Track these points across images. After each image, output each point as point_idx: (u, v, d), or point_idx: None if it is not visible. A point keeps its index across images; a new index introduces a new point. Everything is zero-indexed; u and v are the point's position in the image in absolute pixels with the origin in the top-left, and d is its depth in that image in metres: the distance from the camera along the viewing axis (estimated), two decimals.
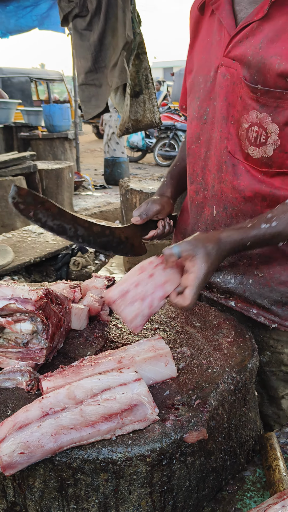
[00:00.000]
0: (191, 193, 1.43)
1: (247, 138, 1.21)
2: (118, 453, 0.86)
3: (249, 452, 1.17)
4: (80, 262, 3.44)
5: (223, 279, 1.42)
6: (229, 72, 1.20)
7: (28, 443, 0.84)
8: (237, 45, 1.17)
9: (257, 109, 1.16)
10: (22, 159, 5.65)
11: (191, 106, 1.35)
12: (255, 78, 1.14)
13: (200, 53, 1.31)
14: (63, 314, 1.19)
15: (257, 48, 1.12)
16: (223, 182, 1.29)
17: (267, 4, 1.09)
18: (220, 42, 1.23)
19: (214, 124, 1.28)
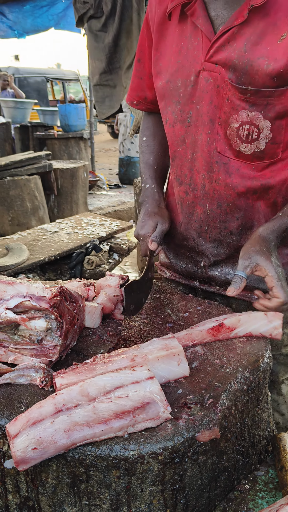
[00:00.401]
0: (180, 193, 1.46)
1: (238, 136, 1.26)
2: (130, 451, 0.87)
3: (261, 452, 1.17)
4: (94, 261, 3.46)
5: (221, 272, 1.48)
6: (212, 76, 1.24)
7: (42, 438, 0.85)
8: (219, 49, 1.21)
9: (247, 109, 1.22)
10: (38, 158, 5.69)
11: (169, 109, 1.38)
12: (242, 80, 1.19)
13: (174, 57, 1.32)
14: (77, 312, 1.20)
15: (242, 52, 1.18)
16: (215, 181, 1.35)
17: (246, 9, 1.14)
18: (198, 47, 1.26)
19: (198, 127, 1.32)
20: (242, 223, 1.39)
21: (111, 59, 4.30)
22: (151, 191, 1.53)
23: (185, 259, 1.56)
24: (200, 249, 1.49)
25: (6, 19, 8.33)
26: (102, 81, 4.40)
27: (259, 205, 1.36)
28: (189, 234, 1.49)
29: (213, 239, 1.44)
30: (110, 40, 4.25)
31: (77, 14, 4.44)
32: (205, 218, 1.42)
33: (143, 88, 1.57)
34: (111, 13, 4.23)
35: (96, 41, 4.38)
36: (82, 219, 4.32)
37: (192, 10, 1.24)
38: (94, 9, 4.30)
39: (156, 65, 1.40)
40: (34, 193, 5.39)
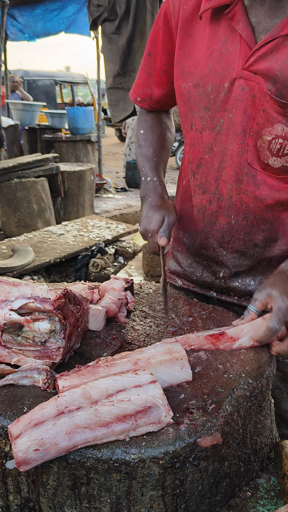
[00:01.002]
0: (203, 202, 1.41)
1: (269, 149, 1.22)
2: (131, 454, 0.87)
3: (263, 459, 1.16)
4: (100, 264, 3.46)
5: (242, 283, 1.44)
6: (249, 85, 1.19)
7: (43, 440, 0.85)
8: (260, 59, 1.15)
9: (283, 123, 1.18)
10: (45, 160, 5.73)
11: (196, 115, 1.32)
12: (283, 93, 1.15)
13: (203, 60, 1.26)
14: (81, 314, 1.20)
15: (285, 64, 1.12)
16: (243, 193, 1.31)
17: None
18: (234, 53, 1.20)
19: (229, 136, 1.27)
20: (267, 235, 1.36)
21: (125, 61, 4.32)
22: (152, 184, 1.46)
23: (202, 268, 1.53)
24: (220, 259, 1.45)
25: (16, 22, 8.41)
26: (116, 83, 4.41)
27: (284, 217, 1.34)
28: (209, 244, 1.45)
29: (236, 250, 1.41)
30: (124, 42, 4.27)
31: (91, 17, 4.46)
32: (228, 229, 1.39)
33: (150, 85, 1.50)
34: (124, 16, 4.24)
35: (110, 44, 4.40)
36: (88, 221, 4.33)
37: (232, 13, 1.17)
38: (108, 12, 4.32)
39: (179, 64, 1.33)
40: (41, 195, 5.42)
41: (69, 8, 7.83)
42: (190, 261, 1.56)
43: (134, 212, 7.19)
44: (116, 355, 1.11)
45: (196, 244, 1.49)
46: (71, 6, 7.80)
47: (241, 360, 1.14)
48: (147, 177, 1.47)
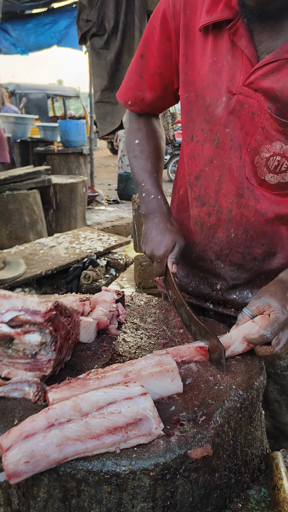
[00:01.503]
0: (201, 214, 1.41)
1: (266, 166, 1.23)
2: (122, 466, 0.87)
3: (254, 471, 1.16)
4: (91, 276, 3.46)
5: (239, 296, 1.45)
6: (248, 102, 1.19)
7: (34, 452, 0.85)
8: (262, 77, 1.15)
9: (282, 141, 1.19)
10: (37, 173, 5.75)
11: (198, 126, 1.32)
12: (283, 113, 1.16)
13: (203, 70, 1.25)
14: (72, 326, 1.20)
15: (286, 85, 1.13)
16: (244, 207, 1.31)
17: None
18: (235, 68, 1.19)
19: (226, 150, 1.27)
20: (266, 249, 1.37)
21: (113, 76, 4.38)
22: (157, 202, 1.43)
23: (198, 279, 1.52)
24: (217, 272, 1.45)
25: (9, 36, 8.49)
26: (104, 98, 4.46)
27: (283, 231, 1.34)
28: (207, 256, 1.45)
29: (234, 263, 1.41)
30: (112, 57, 4.33)
31: (80, 32, 4.52)
32: (227, 242, 1.38)
33: (142, 88, 1.45)
34: (113, 31, 4.30)
35: (98, 59, 4.45)
36: (80, 233, 4.34)
37: (235, 28, 1.17)
38: (97, 27, 4.37)
39: (182, 72, 1.31)
40: (32, 207, 5.42)
41: (61, 22, 7.93)
42: (186, 272, 1.56)
43: (126, 224, 7.22)
44: (106, 367, 1.11)
45: (193, 256, 1.49)
46: (63, 20, 7.89)
47: (231, 372, 1.15)
48: (150, 195, 1.45)
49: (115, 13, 4.23)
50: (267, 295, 1.19)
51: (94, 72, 4.55)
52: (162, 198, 1.44)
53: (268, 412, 1.51)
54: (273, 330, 1.14)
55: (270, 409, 1.50)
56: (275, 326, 1.14)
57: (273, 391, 1.48)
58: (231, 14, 1.16)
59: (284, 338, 1.14)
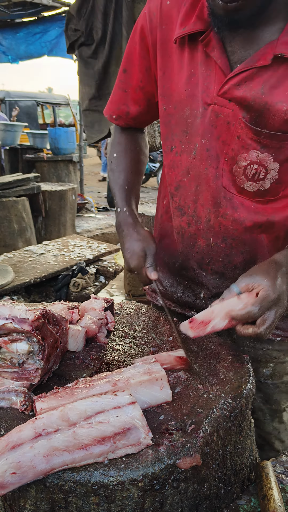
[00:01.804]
0: (182, 224, 1.42)
1: (244, 174, 1.24)
2: (110, 477, 0.86)
3: (244, 480, 1.16)
4: (80, 284, 3.45)
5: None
6: (223, 111, 1.20)
7: (21, 463, 0.84)
8: (234, 87, 1.17)
9: (258, 149, 1.20)
10: (26, 180, 5.73)
11: (176, 138, 1.33)
12: (257, 121, 1.17)
13: (181, 83, 1.26)
14: (60, 335, 1.19)
15: (259, 93, 1.14)
16: (222, 216, 1.32)
17: (271, 54, 1.11)
18: (209, 79, 1.21)
19: (203, 161, 1.28)
20: (246, 257, 1.37)
21: (101, 85, 4.40)
22: (123, 215, 1.44)
23: (183, 288, 1.52)
24: (200, 280, 1.45)
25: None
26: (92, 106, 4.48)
27: (263, 239, 1.34)
28: (189, 265, 1.45)
29: (215, 272, 1.41)
30: (100, 67, 4.36)
31: (68, 41, 4.55)
32: (208, 251, 1.39)
33: (126, 102, 1.47)
34: (101, 41, 4.34)
35: (86, 68, 4.48)
36: (69, 241, 4.32)
37: (207, 40, 1.18)
38: (85, 37, 4.41)
39: (159, 85, 1.33)
40: (21, 214, 5.40)
41: (52, 32, 7.94)
42: (171, 281, 1.56)
43: (115, 231, 7.20)
44: (95, 376, 1.10)
45: (177, 265, 1.50)
46: (54, 30, 7.91)
47: (220, 380, 1.15)
48: (118, 208, 1.46)
49: (103, 23, 4.27)
50: (259, 273, 1.14)
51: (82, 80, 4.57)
52: (128, 210, 1.44)
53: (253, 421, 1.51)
54: (261, 307, 1.08)
55: (254, 418, 1.50)
56: (264, 303, 1.08)
57: (256, 399, 1.48)
58: (203, 26, 1.18)
59: (270, 318, 1.09)
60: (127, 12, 4.14)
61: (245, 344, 1.43)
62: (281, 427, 1.51)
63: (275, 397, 1.46)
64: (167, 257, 1.53)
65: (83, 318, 1.36)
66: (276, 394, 1.46)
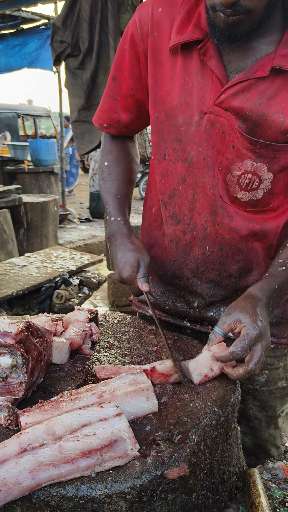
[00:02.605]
0: (177, 232, 1.41)
1: (238, 184, 1.25)
2: (97, 490, 0.85)
3: (232, 489, 1.15)
4: (64, 295, 3.43)
5: (216, 313, 1.44)
6: (219, 121, 1.21)
7: (6, 480, 0.82)
8: (232, 97, 1.17)
9: (253, 159, 1.21)
10: (7, 192, 5.69)
11: (169, 145, 1.33)
12: (253, 131, 1.18)
13: (174, 91, 1.26)
14: (44, 347, 1.18)
15: (256, 104, 1.16)
16: (218, 225, 1.32)
17: (269, 66, 1.13)
18: (205, 88, 1.21)
19: (200, 169, 1.28)
20: (242, 266, 1.37)
21: (90, 96, 4.41)
22: (117, 224, 1.41)
23: (175, 297, 1.51)
24: (194, 289, 1.44)
25: None
26: (81, 117, 4.49)
27: (257, 247, 1.35)
28: (183, 274, 1.44)
29: (210, 280, 1.41)
30: (88, 77, 4.37)
31: (54, 53, 4.55)
32: (203, 260, 1.39)
33: (117, 110, 1.46)
34: (88, 51, 4.35)
35: (74, 79, 4.48)
36: (52, 252, 4.30)
37: (205, 49, 1.19)
38: (71, 48, 4.42)
39: (151, 92, 1.33)
40: (3, 226, 5.35)
41: (31, 44, 7.94)
42: (162, 290, 1.54)
43: (98, 242, 7.20)
44: (80, 388, 1.09)
45: (169, 274, 1.48)
46: (33, 42, 7.91)
47: (206, 388, 1.15)
48: (111, 217, 1.43)
49: (89, 33, 4.28)
50: (237, 311, 1.17)
51: (70, 92, 4.57)
52: (122, 219, 1.42)
53: (248, 429, 1.51)
54: (243, 346, 1.11)
55: (250, 426, 1.50)
56: (245, 342, 1.11)
57: (252, 408, 1.47)
58: (201, 35, 1.18)
59: (257, 354, 1.11)
60: (113, 22, 4.17)
61: None
62: (277, 433, 1.51)
63: (270, 403, 1.47)
64: (157, 266, 1.51)
65: (67, 330, 1.35)
66: (272, 400, 1.47)
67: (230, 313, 1.18)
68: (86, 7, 4.20)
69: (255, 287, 1.24)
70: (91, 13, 4.21)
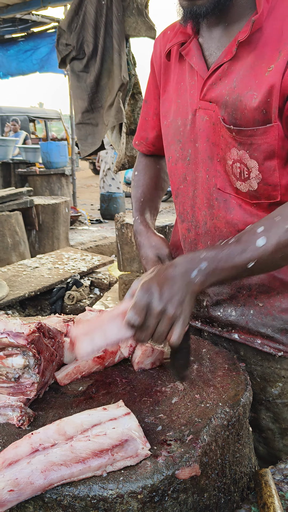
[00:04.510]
0: (183, 231, 1.45)
1: (233, 173, 1.25)
2: (109, 490, 0.85)
3: (243, 489, 1.15)
4: (75, 296, 3.44)
5: (223, 313, 1.42)
6: (207, 114, 1.25)
7: (18, 480, 0.83)
8: (212, 87, 1.21)
9: (236, 147, 1.20)
10: (19, 194, 5.74)
11: (172, 148, 1.39)
12: (234, 116, 1.17)
13: (175, 97, 1.34)
14: (56, 348, 1.19)
15: (232, 87, 1.17)
16: (216, 218, 1.32)
17: (235, 45, 1.15)
18: (194, 86, 1.27)
19: (198, 164, 1.32)
20: None
21: (93, 98, 4.45)
22: (136, 224, 1.53)
23: None
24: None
25: None
26: (85, 119, 4.53)
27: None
28: None
29: None
30: (92, 80, 4.40)
31: (59, 56, 4.60)
32: None
33: (146, 129, 1.59)
34: (92, 55, 4.39)
35: (78, 81, 4.53)
36: (63, 254, 4.32)
37: (187, 50, 1.26)
38: (76, 51, 4.46)
39: (163, 105, 1.42)
40: (15, 228, 5.40)
41: (42, 49, 7.98)
42: None
43: (109, 243, 7.22)
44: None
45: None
46: (44, 47, 7.95)
47: (217, 389, 1.14)
48: (133, 217, 1.55)
49: (94, 37, 4.33)
50: (145, 276, 1.08)
51: (75, 94, 4.61)
52: (140, 219, 1.52)
53: (261, 439, 1.48)
54: (134, 311, 1.00)
55: (263, 437, 1.47)
56: (135, 307, 1.00)
57: (265, 419, 1.45)
58: (184, 38, 1.26)
59: (166, 294, 1.01)
60: (118, 26, 4.19)
61: (252, 362, 1.40)
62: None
63: (284, 415, 1.43)
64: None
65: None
66: (285, 413, 1.42)
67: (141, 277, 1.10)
68: (91, 11, 4.24)
69: (180, 256, 1.12)
70: (96, 17, 4.24)
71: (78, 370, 1.19)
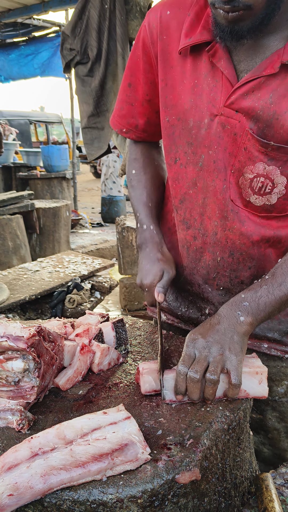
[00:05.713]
0: (187, 237, 1.39)
1: (251, 187, 1.21)
2: (108, 494, 0.85)
3: (244, 494, 1.14)
4: (76, 300, 3.44)
5: None
6: (230, 122, 1.18)
7: (17, 484, 0.83)
8: (242, 97, 1.15)
9: (265, 162, 1.17)
10: (20, 198, 5.75)
11: (180, 149, 1.31)
12: (265, 132, 1.14)
13: (185, 93, 1.25)
14: (56, 351, 1.18)
15: (267, 103, 1.12)
16: (229, 230, 1.29)
17: (278, 62, 1.09)
18: (216, 90, 1.19)
19: (211, 172, 1.26)
20: (253, 273, 1.33)
21: (98, 102, 4.47)
22: (149, 233, 1.43)
23: (187, 303, 1.48)
24: (205, 296, 1.41)
25: None
26: (91, 123, 4.55)
27: (270, 253, 1.30)
28: (194, 280, 1.41)
29: (221, 287, 1.37)
30: (97, 84, 4.42)
31: (64, 61, 4.62)
32: (214, 266, 1.35)
33: (134, 115, 1.47)
34: (96, 59, 4.41)
35: (83, 86, 4.55)
36: (64, 257, 4.32)
37: (214, 50, 1.16)
38: (80, 55, 4.48)
39: (162, 96, 1.32)
40: (16, 232, 5.40)
41: (44, 53, 8.00)
42: (175, 296, 1.52)
43: (110, 246, 7.22)
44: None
45: (181, 280, 1.46)
46: (45, 51, 7.98)
47: None
48: (143, 225, 1.45)
49: (97, 41, 4.34)
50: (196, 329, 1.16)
51: (80, 99, 4.63)
52: (155, 229, 1.44)
53: (267, 440, 1.48)
54: (183, 363, 1.08)
55: (269, 437, 1.47)
56: (185, 358, 1.09)
57: (271, 418, 1.44)
58: (210, 37, 1.16)
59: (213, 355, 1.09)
60: (121, 29, 4.21)
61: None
62: None
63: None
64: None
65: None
66: None
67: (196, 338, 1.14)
68: (94, 15, 4.26)
69: (223, 307, 1.19)
70: (99, 21, 4.26)
71: (78, 372, 1.19)
